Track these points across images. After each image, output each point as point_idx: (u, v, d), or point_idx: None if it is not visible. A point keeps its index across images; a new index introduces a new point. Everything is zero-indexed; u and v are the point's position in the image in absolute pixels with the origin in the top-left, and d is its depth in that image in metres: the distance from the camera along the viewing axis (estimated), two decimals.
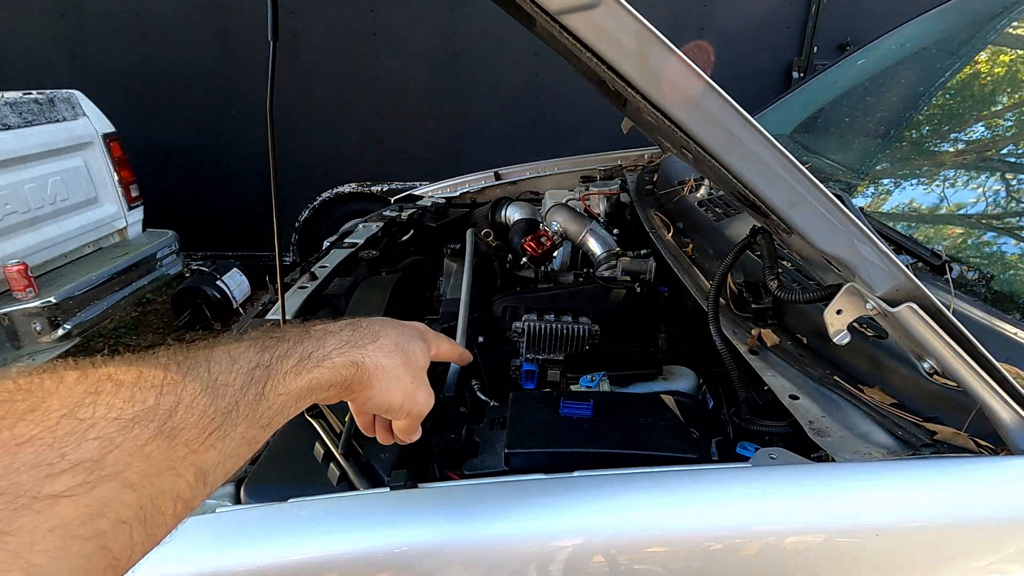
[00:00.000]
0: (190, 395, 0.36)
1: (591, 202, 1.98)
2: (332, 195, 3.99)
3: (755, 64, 3.72)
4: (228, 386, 0.39)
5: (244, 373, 0.40)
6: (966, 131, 1.37)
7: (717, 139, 0.64)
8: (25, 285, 2.52)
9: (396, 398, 0.54)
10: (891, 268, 0.67)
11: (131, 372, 0.35)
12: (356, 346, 0.50)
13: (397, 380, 0.53)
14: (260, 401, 0.41)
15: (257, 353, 0.43)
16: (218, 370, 0.39)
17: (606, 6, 0.57)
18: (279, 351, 0.44)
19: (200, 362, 0.39)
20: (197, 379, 0.38)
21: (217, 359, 0.40)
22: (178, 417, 0.35)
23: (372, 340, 0.52)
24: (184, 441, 0.35)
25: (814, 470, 0.73)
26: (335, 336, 0.50)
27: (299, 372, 0.45)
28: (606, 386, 1.13)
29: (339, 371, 0.48)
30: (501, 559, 0.69)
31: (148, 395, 0.34)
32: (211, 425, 0.37)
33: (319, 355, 0.47)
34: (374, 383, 0.51)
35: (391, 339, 0.54)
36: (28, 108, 2.78)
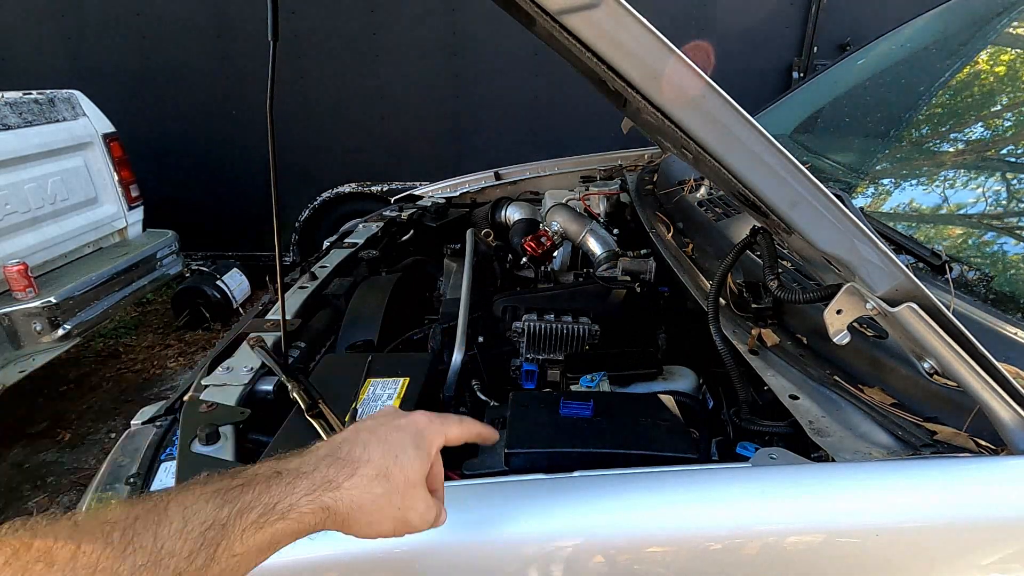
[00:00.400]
0: (141, 562, 0.35)
1: (591, 202, 1.98)
2: (332, 195, 3.99)
3: (755, 64, 3.72)
4: (173, 556, 0.37)
5: (194, 537, 0.38)
6: (966, 131, 1.37)
7: (717, 139, 0.64)
8: (25, 285, 2.52)
9: (385, 528, 0.50)
10: (891, 268, 0.67)
11: (67, 549, 0.33)
12: (330, 487, 0.46)
13: (380, 511, 0.48)
14: (210, 566, 0.38)
15: (215, 509, 0.40)
16: (165, 535, 0.37)
17: (606, 6, 0.57)
18: (240, 504, 0.41)
19: (150, 525, 0.37)
20: (140, 550, 0.35)
21: (169, 519, 0.38)
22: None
23: (350, 475, 0.48)
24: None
25: (814, 470, 0.73)
26: (307, 478, 0.45)
27: (260, 527, 0.41)
28: (606, 386, 1.13)
29: (306, 520, 0.44)
30: (501, 559, 0.69)
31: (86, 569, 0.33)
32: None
33: (284, 506, 0.43)
34: (352, 524, 0.48)
35: (374, 466, 0.49)
36: (28, 108, 2.78)
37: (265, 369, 1.04)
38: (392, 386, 0.99)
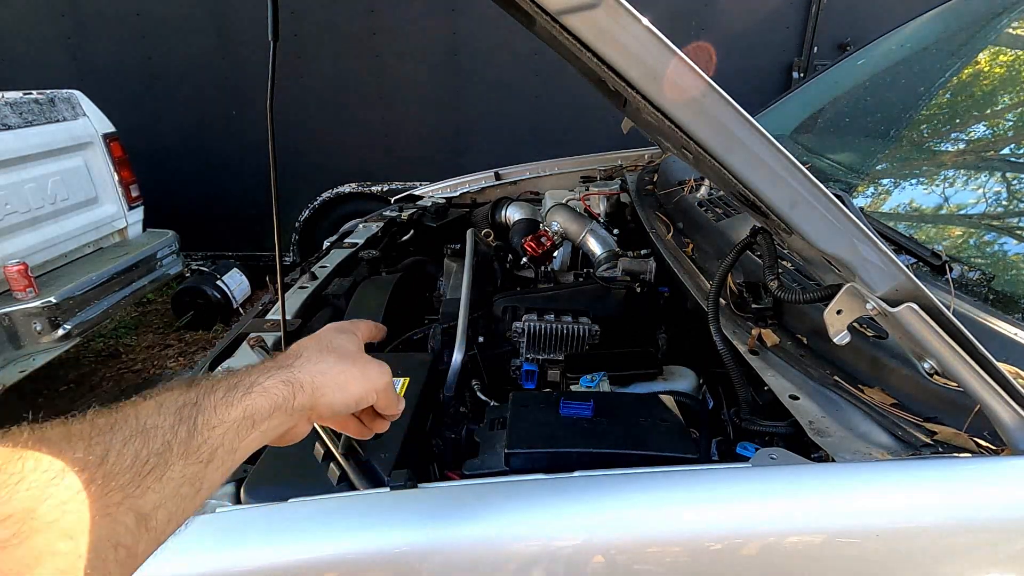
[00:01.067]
0: (120, 441, 0.36)
1: (591, 202, 1.98)
2: (332, 195, 3.99)
3: (755, 64, 3.72)
4: (157, 428, 0.38)
5: (172, 413, 0.40)
6: (966, 131, 1.37)
7: (717, 139, 0.64)
8: (25, 285, 2.52)
9: (355, 388, 0.53)
10: (891, 268, 0.67)
11: (57, 429, 0.35)
12: (282, 367, 0.50)
13: (343, 374, 0.53)
14: (193, 436, 0.40)
15: (182, 394, 0.42)
16: (145, 415, 0.39)
17: (606, 6, 0.57)
18: (204, 387, 0.43)
19: (128, 412, 0.39)
20: (125, 426, 0.37)
21: (144, 408, 0.40)
22: (109, 464, 0.35)
23: (295, 358, 0.52)
24: (119, 486, 0.35)
25: (814, 470, 0.73)
26: (258, 367, 0.49)
27: (230, 403, 0.44)
28: (606, 386, 1.13)
29: (272, 392, 0.47)
30: (501, 559, 0.69)
31: (76, 447, 0.34)
32: (144, 468, 0.36)
33: (246, 383, 0.46)
34: (324, 391, 0.51)
35: (313, 348, 0.54)
36: (28, 108, 2.78)
37: None
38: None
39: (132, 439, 0.37)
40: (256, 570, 0.67)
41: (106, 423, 0.37)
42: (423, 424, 0.99)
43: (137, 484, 0.36)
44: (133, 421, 0.38)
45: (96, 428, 0.36)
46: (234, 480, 0.82)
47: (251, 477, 0.81)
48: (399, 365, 1.06)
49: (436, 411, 1.06)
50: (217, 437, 0.41)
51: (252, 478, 0.81)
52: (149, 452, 0.37)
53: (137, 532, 0.36)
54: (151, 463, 0.37)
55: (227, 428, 0.42)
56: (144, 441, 0.37)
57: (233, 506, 0.76)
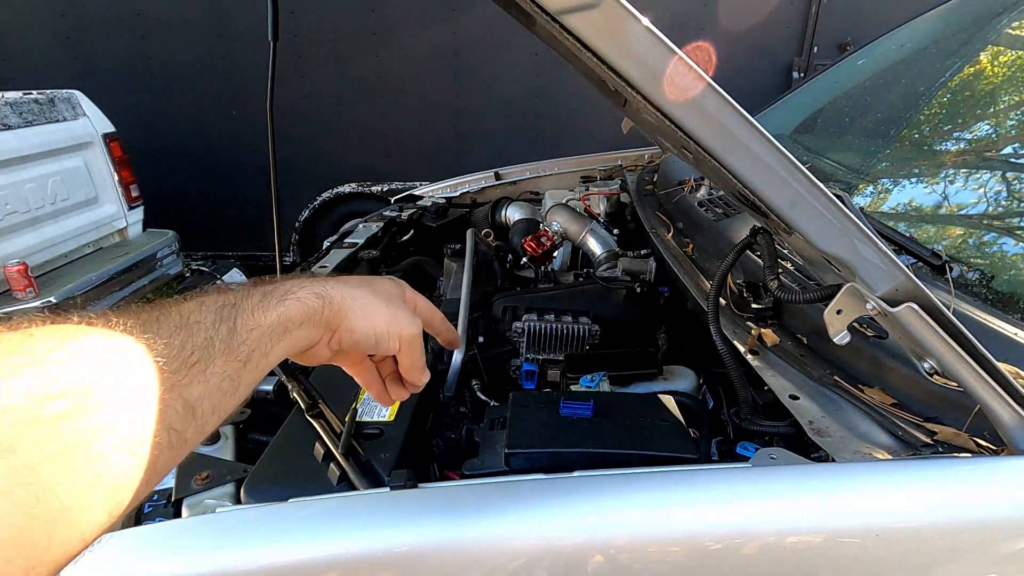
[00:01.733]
0: (167, 332, 0.37)
1: (591, 202, 1.98)
2: (332, 195, 3.99)
3: (755, 64, 3.72)
4: (200, 324, 0.39)
5: (213, 311, 0.41)
6: (966, 131, 1.37)
7: (717, 139, 0.64)
8: (25, 285, 2.52)
9: (379, 322, 0.53)
10: (891, 268, 0.67)
11: (103, 318, 0.36)
12: (316, 281, 0.50)
13: (371, 306, 0.52)
14: (233, 335, 0.41)
15: (221, 295, 0.43)
16: (188, 311, 0.40)
17: (606, 6, 0.57)
18: (242, 292, 0.45)
19: (171, 308, 0.40)
20: (170, 320, 0.38)
21: (185, 306, 0.41)
22: (159, 350, 0.36)
23: (336, 280, 0.53)
24: (170, 371, 0.36)
25: (814, 470, 0.73)
26: (296, 280, 0.50)
27: (266, 308, 0.45)
28: (606, 386, 1.13)
29: (306, 302, 0.47)
30: (501, 559, 0.69)
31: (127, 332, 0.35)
32: (190, 359, 0.37)
33: (281, 291, 0.47)
34: (349, 313, 0.50)
35: (354, 278, 0.55)
36: (28, 108, 2.78)
37: None
38: None
39: (178, 331, 0.38)
40: (256, 570, 0.67)
41: (150, 316, 0.38)
42: (423, 424, 0.99)
43: (184, 373, 0.37)
44: (176, 316, 0.39)
45: (142, 319, 0.37)
46: (234, 480, 0.82)
47: (251, 477, 0.81)
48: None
49: (436, 411, 1.06)
50: (254, 339, 0.42)
51: (252, 478, 0.81)
52: (194, 345, 0.38)
53: (185, 418, 0.36)
54: (195, 356, 0.38)
55: (263, 331, 0.43)
56: (188, 334, 0.38)
57: (233, 506, 0.76)
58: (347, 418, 0.86)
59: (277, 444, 0.88)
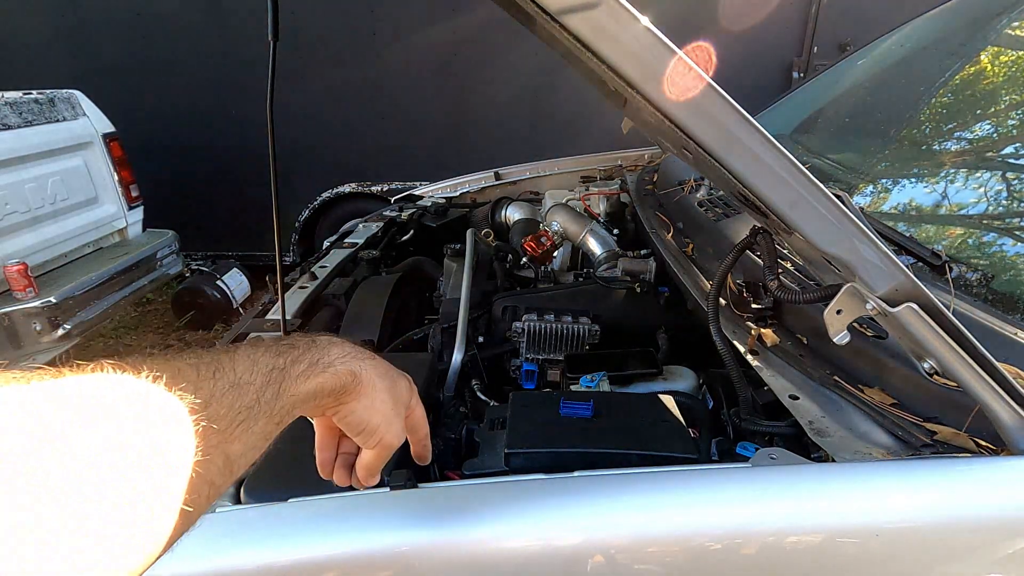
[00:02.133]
0: (220, 391, 0.41)
1: (591, 202, 1.98)
2: (332, 195, 3.99)
3: (755, 64, 3.72)
4: (250, 384, 0.43)
5: (263, 374, 0.45)
6: (966, 131, 1.37)
7: (717, 139, 0.64)
8: (25, 285, 2.52)
9: (376, 419, 0.56)
10: (891, 268, 0.67)
11: (169, 369, 0.38)
12: (356, 358, 0.54)
13: (382, 402, 0.56)
14: (276, 400, 0.45)
15: (273, 357, 0.47)
16: (241, 370, 0.43)
17: (606, 6, 0.57)
18: (291, 356, 0.48)
19: (225, 363, 0.43)
20: (224, 377, 0.42)
21: (240, 361, 0.44)
22: (211, 409, 0.39)
23: (370, 357, 0.56)
24: (217, 431, 0.39)
25: (814, 470, 0.73)
26: (338, 347, 0.53)
27: (308, 376, 0.48)
28: (606, 386, 1.13)
29: (341, 377, 0.51)
30: (501, 559, 0.69)
31: (187, 390, 0.38)
32: (238, 418, 0.41)
33: (325, 362, 0.51)
34: (362, 397, 0.54)
35: (383, 365, 0.58)
36: (28, 108, 2.78)
37: None
38: None
39: (230, 391, 0.41)
40: (256, 570, 0.67)
41: (208, 370, 0.41)
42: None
43: (231, 432, 0.40)
44: (231, 373, 0.42)
45: (201, 374, 0.40)
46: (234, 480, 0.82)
47: (251, 477, 0.81)
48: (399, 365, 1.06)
49: (436, 411, 1.06)
50: (291, 404, 0.47)
51: (252, 478, 0.81)
52: (241, 405, 0.41)
53: (223, 474, 0.40)
54: (242, 415, 0.41)
55: (299, 398, 0.47)
56: (238, 395, 0.42)
57: (233, 506, 0.76)
58: None
59: (277, 444, 0.88)
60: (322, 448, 0.62)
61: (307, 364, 0.49)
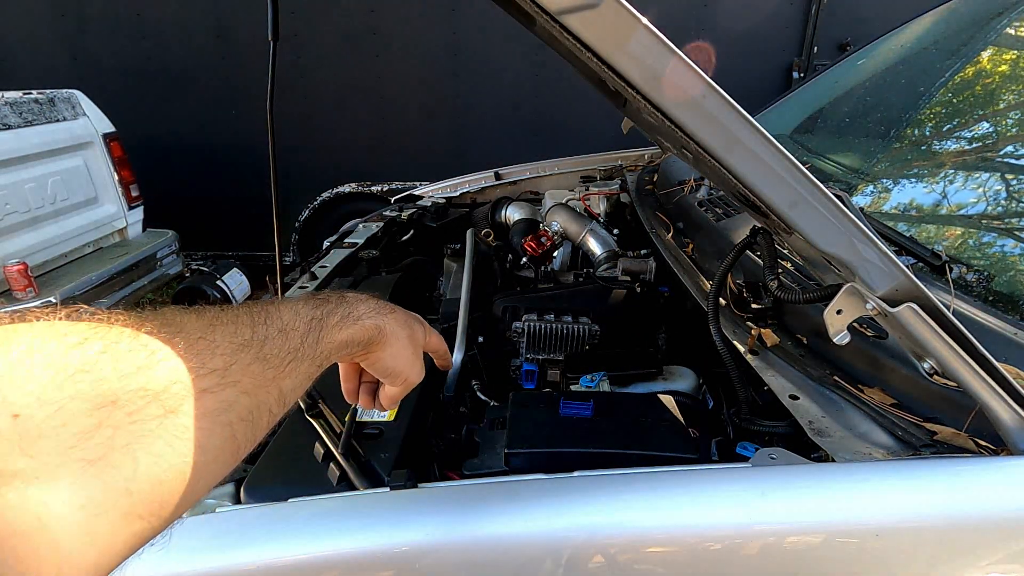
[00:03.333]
0: (273, 332, 0.47)
1: (591, 202, 1.98)
2: (332, 195, 3.98)
3: (755, 64, 3.72)
4: (295, 331, 0.49)
5: (305, 322, 0.51)
6: (966, 131, 1.37)
7: (717, 139, 0.64)
8: (25, 285, 2.52)
9: (401, 364, 0.63)
10: (891, 268, 0.67)
11: (229, 313, 0.45)
12: (381, 313, 0.60)
13: (404, 349, 0.62)
14: (317, 345, 0.51)
15: (312, 308, 0.53)
16: (287, 318, 0.49)
17: (606, 6, 0.57)
18: (327, 309, 0.54)
19: (273, 312, 0.49)
20: (275, 323, 0.48)
21: (285, 310, 0.50)
22: (267, 348, 0.45)
23: (391, 311, 0.62)
24: (273, 366, 0.45)
25: (814, 470, 0.73)
26: (365, 303, 0.59)
27: (341, 327, 0.55)
28: (606, 386, 1.13)
29: (368, 330, 0.58)
30: (501, 559, 0.69)
31: (246, 329, 0.44)
32: (288, 357, 0.47)
33: (355, 315, 0.57)
34: (387, 347, 0.61)
35: (402, 315, 0.64)
36: (28, 108, 2.78)
37: None
38: None
39: (279, 335, 0.47)
40: (256, 570, 0.67)
41: (260, 314, 0.47)
42: (423, 424, 0.99)
43: (283, 368, 0.46)
44: (278, 320, 0.48)
45: (256, 318, 0.46)
46: (234, 480, 0.82)
47: (251, 477, 0.81)
48: None
49: (436, 411, 1.06)
50: (328, 350, 0.52)
51: (252, 478, 0.81)
52: (291, 347, 0.47)
53: (278, 404, 0.45)
54: (291, 356, 0.47)
55: (335, 346, 0.54)
56: (286, 338, 0.47)
57: (233, 506, 0.76)
58: (347, 418, 0.86)
59: (277, 444, 0.88)
60: (347, 379, 0.69)
61: (340, 316, 0.55)
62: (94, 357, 0.33)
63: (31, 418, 0.30)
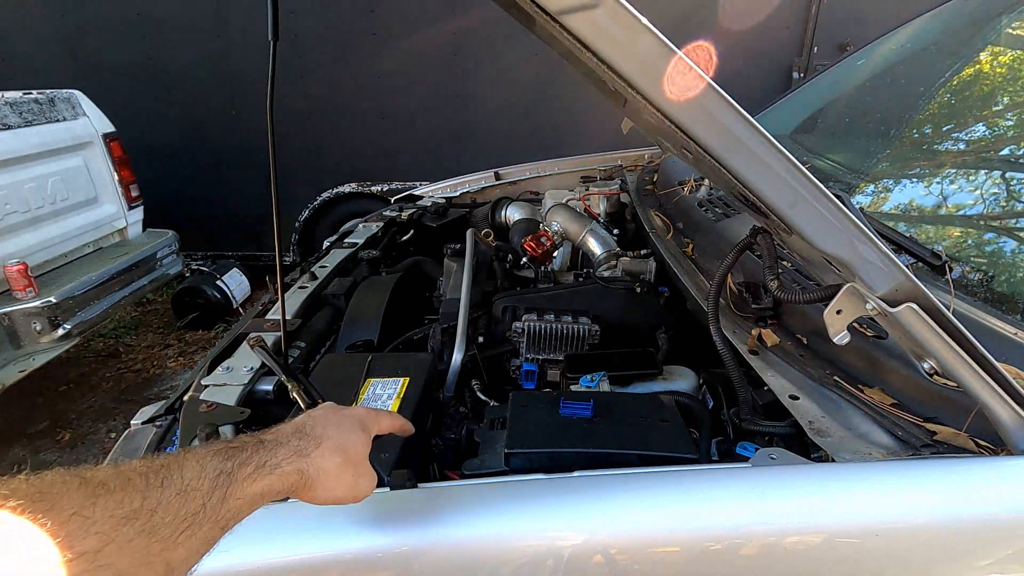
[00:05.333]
0: (170, 496, 0.43)
1: (591, 202, 1.98)
2: (332, 195, 3.99)
3: (755, 64, 3.72)
4: (197, 491, 0.45)
5: (211, 479, 0.47)
6: (966, 131, 1.37)
7: (717, 139, 0.64)
8: (25, 285, 2.52)
9: (339, 494, 0.59)
10: (891, 268, 0.67)
11: (120, 478, 0.41)
12: (302, 455, 0.56)
13: (338, 479, 0.59)
14: (223, 504, 0.47)
15: (221, 461, 0.49)
16: (189, 476, 0.45)
17: (606, 6, 0.57)
18: (239, 459, 0.50)
19: (175, 469, 0.45)
20: (174, 483, 0.44)
21: (189, 466, 0.46)
22: (157, 517, 0.41)
23: (316, 446, 0.58)
24: (160, 538, 0.41)
25: (814, 470, 0.73)
26: (284, 447, 0.56)
27: (254, 480, 0.50)
28: (606, 386, 1.13)
29: (287, 478, 0.54)
30: (501, 559, 0.69)
31: (136, 497, 0.41)
32: (182, 525, 0.43)
33: (272, 463, 0.53)
34: (316, 487, 0.57)
35: (333, 442, 0.60)
36: (28, 108, 2.78)
37: (265, 369, 1.04)
38: (392, 386, 0.99)
39: (176, 498, 0.43)
40: (256, 570, 0.67)
41: (156, 477, 0.43)
42: (423, 424, 0.99)
43: (174, 539, 0.42)
44: (179, 480, 0.45)
45: (150, 482, 0.43)
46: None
47: None
48: (399, 365, 1.06)
49: (436, 411, 1.06)
50: (237, 507, 0.48)
51: None
52: (187, 512, 0.44)
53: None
54: (187, 522, 0.43)
55: (245, 501, 0.49)
56: (184, 501, 0.44)
57: None
58: None
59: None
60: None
61: (254, 467, 0.51)
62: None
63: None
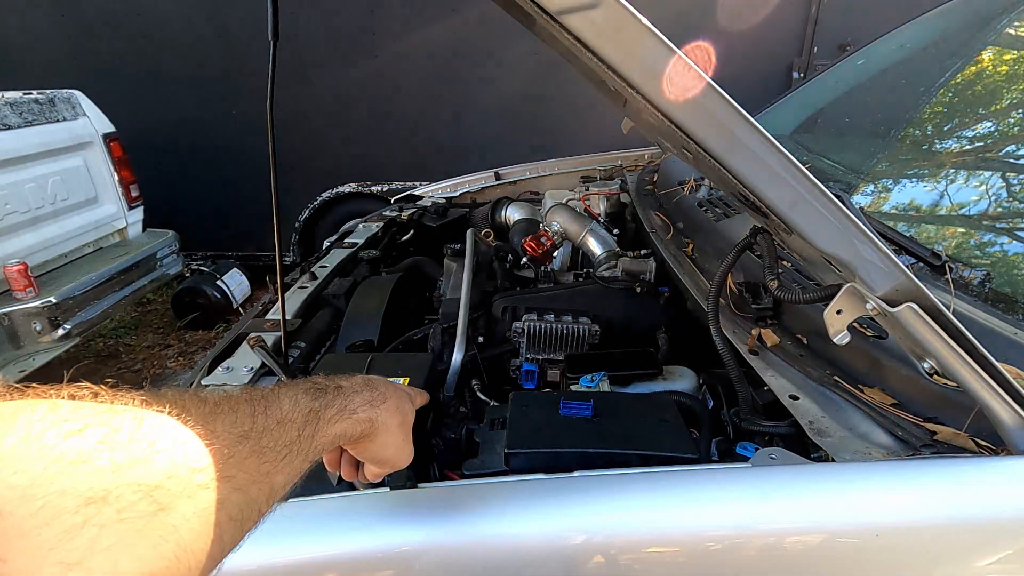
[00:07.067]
0: (272, 424, 0.46)
1: (591, 202, 1.98)
2: (332, 195, 3.99)
3: (755, 64, 3.72)
4: (293, 423, 0.49)
5: (303, 414, 0.50)
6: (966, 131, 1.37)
7: (717, 139, 0.64)
8: (25, 285, 2.52)
9: (389, 453, 0.63)
10: (891, 268, 0.67)
11: (231, 401, 0.44)
12: (374, 406, 0.60)
13: (393, 438, 0.62)
14: (312, 439, 0.50)
15: (311, 399, 0.53)
16: (287, 408, 0.49)
17: (606, 6, 0.57)
18: (324, 401, 0.54)
19: (273, 401, 0.49)
20: (274, 413, 0.47)
21: (285, 400, 0.50)
22: (264, 440, 0.44)
23: (383, 401, 0.61)
24: (267, 460, 0.44)
25: (814, 470, 0.73)
26: (359, 395, 0.59)
27: (336, 421, 0.54)
28: (606, 386, 1.13)
29: (360, 425, 0.58)
30: (501, 559, 0.69)
31: (246, 420, 0.44)
32: (281, 452, 0.46)
33: (351, 408, 0.57)
34: (377, 438, 0.60)
35: (394, 402, 0.63)
36: (28, 108, 2.78)
37: (265, 369, 1.04)
38: None
39: (279, 426, 0.47)
40: (256, 570, 0.67)
41: (259, 404, 0.47)
42: (423, 424, 0.99)
43: (276, 463, 0.45)
44: (277, 411, 0.48)
45: (257, 408, 0.46)
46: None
47: None
48: (399, 365, 1.06)
49: (436, 411, 1.06)
50: (321, 444, 0.52)
51: None
52: (286, 440, 0.47)
53: (267, 502, 0.44)
54: (285, 450, 0.46)
55: (327, 438, 0.53)
56: (283, 431, 0.47)
57: None
58: None
59: None
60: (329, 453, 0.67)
61: (336, 409, 0.55)
62: (92, 447, 0.32)
63: (12, 515, 0.28)
